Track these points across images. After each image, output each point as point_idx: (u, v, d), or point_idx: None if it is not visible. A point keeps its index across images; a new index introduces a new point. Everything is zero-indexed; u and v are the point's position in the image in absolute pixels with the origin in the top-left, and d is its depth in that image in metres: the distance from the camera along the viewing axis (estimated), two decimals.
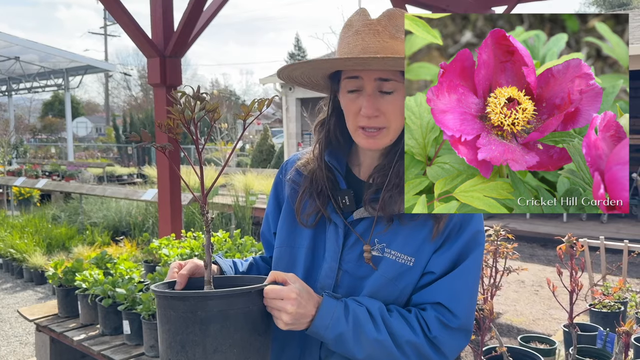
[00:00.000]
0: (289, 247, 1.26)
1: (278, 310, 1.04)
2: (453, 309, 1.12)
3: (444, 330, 1.12)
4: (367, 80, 1.12)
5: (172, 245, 3.48)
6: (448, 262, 1.14)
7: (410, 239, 1.14)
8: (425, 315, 1.13)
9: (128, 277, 3.08)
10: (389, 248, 1.15)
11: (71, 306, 3.27)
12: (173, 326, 1.01)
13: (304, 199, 1.24)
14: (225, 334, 1.00)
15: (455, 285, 1.13)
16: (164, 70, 3.92)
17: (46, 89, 20.22)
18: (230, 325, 1.01)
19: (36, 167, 13.53)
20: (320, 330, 1.07)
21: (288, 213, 1.29)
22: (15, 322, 4.94)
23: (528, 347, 2.49)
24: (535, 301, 5.46)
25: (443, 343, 1.12)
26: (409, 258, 1.14)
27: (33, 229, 7.19)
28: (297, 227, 1.26)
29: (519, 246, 7.61)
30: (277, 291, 1.04)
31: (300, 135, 13.76)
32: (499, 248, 2.26)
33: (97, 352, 2.82)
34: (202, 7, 3.89)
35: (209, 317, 0.99)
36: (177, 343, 1.01)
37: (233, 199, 7.35)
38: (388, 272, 1.15)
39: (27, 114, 39.52)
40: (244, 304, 1.02)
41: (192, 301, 1.00)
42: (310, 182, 1.24)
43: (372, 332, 1.08)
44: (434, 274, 1.14)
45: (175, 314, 1.01)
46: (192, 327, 1.00)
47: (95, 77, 43.76)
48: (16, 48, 15.20)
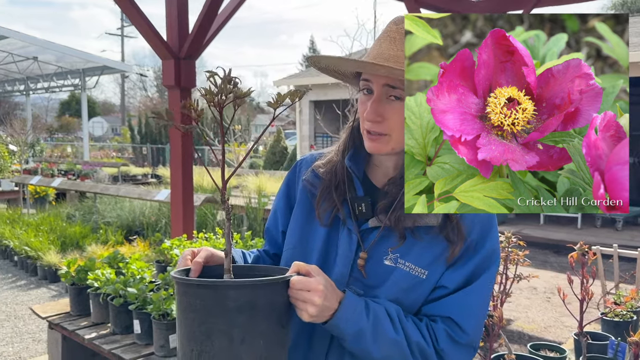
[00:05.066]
0: (302, 249, 1.25)
1: (304, 302, 1.02)
2: (463, 325, 1.12)
3: (452, 345, 1.12)
4: (375, 85, 1.12)
5: (183, 246, 3.51)
6: (462, 278, 1.14)
7: (426, 252, 1.14)
8: (435, 327, 1.13)
9: (139, 276, 3.11)
10: (403, 259, 1.15)
11: (83, 305, 3.30)
12: (198, 315, 0.98)
13: (323, 197, 1.23)
14: (252, 324, 0.98)
15: (468, 302, 1.13)
16: (178, 72, 3.95)
17: (63, 89, 20.52)
18: (257, 316, 0.98)
19: (52, 166, 13.72)
20: (341, 324, 1.06)
21: (301, 215, 1.28)
22: (28, 319, 5.01)
23: (538, 355, 2.46)
24: (547, 308, 5.41)
25: (449, 356, 1.12)
26: (422, 271, 1.14)
27: (48, 227, 7.29)
28: (311, 230, 1.25)
29: (532, 252, 7.51)
30: (304, 282, 1.02)
31: (313, 138, 13.79)
32: (510, 255, 2.24)
33: (107, 350, 2.85)
34: (216, 10, 3.93)
35: (237, 307, 0.96)
36: (202, 333, 0.98)
37: (245, 200, 7.38)
38: (401, 282, 1.14)
39: (44, 113, 40.08)
40: (271, 295, 1.00)
41: (222, 290, 0.97)
42: (329, 182, 1.23)
43: (391, 331, 1.08)
44: (447, 288, 1.14)
45: (201, 303, 0.97)
46: (220, 316, 0.97)
47: (111, 78, 44.28)
48: (34, 48, 15.46)
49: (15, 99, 32.34)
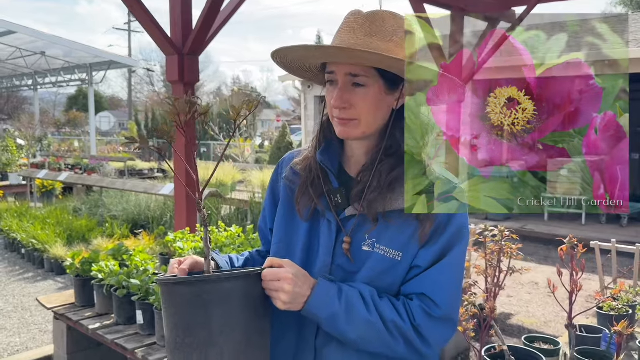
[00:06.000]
0: (286, 243, 1.30)
1: (276, 291, 1.09)
2: (436, 299, 1.16)
3: (428, 319, 1.15)
4: (339, 74, 1.17)
5: (186, 239, 3.53)
6: (433, 257, 1.18)
7: (398, 235, 1.18)
8: (411, 304, 1.17)
9: (143, 268, 3.14)
10: (378, 243, 1.19)
11: (87, 296, 3.34)
12: (179, 310, 1.05)
13: (301, 193, 1.28)
14: (228, 315, 1.05)
15: (439, 277, 1.17)
16: (182, 67, 3.96)
17: (70, 84, 20.56)
18: (233, 308, 1.05)
19: (59, 160, 13.78)
20: (314, 310, 1.12)
21: (284, 211, 1.33)
22: (35, 310, 5.06)
23: (531, 347, 2.47)
24: (549, 303, 5.40)
25: (427, 331, 1.15)
26: (397, 253, 1.18)
27: (55, 220, 7.34)
28: (294, 225, 1.30)
29: (535, 248, 7.52)
30: (274, 273, 1.10)
31: None
32: (504, 248, 2.25)
33: (110, 340, 2.88)
34: (219, 6, 3.92)
35: (212, 300, 1.03)
36: (183, 326, 1.05)
37: (250, 195, 7.40)
38: (377, 266, 1.19)
39: (52, 108, 40.28)
40: (244, 287, 1.07)
41: (197, 285, 1.05)
42: (305, 178, 1.28)
43: (364, 313, 1.12)
44: (420, 267, 1.18)
45: (181, 299, 1.05)
46: (197, 310, 1.04)
47: (119, 73, 44.35)
48: (42, 43, 15.51)
49: (23, 93, 32.53)
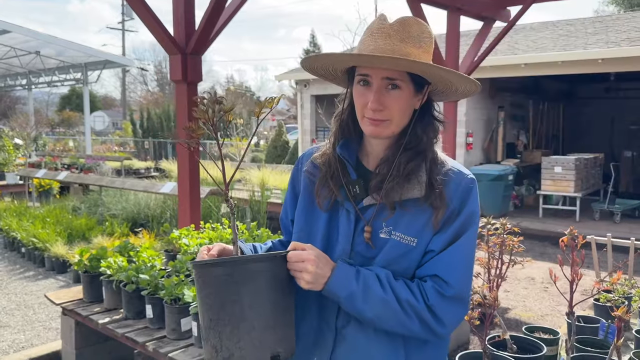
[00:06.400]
0: (307, 232, 1.40)
1: (300, 271, 1.20)
2: (448, 279, 1.25)
3: (440, 299, 1.25)
4: (375, 78, 1.27)
5: (191, 236, 3.62)
6: (446, 241, 1.28)
7: (413, 222, 1.29)
8: (425, 286, 1.27)
9: (150, 264, 3.23)
10: (395, 230, 1.29)
11: (96, 291, 3.42)
12: (213, 289, 1.17)
13: (321, 185, 1.38)
14: (257, 292, 1.16)
15: (450, 259, 1.27)
16: (185, 67, 4.04)
17: (65, 83, 20.53)
18: (261, 286, 1.17)
19: (55, 159, 13.80)
20: (334, 289, 1.22)
21: (305, 202, 1.43)
22: (38, 308, 5.13)
23: (532, 336, 2.58)
24: (545, 297, 5.53)
25: (440, 311, 1.25)
26: (412, 239, 1.28)
27: (54, 219, 7.40)
28: (314, 215, 1.40)
29: (530, 244, 7.65)
30: (298, 254, 1.21)
31: (314, 132, 13.87)
32: (505, 241, 2.36)
33: (121, 334, 2.97)
34: (222, 6, 4.01)
35: (243, 279, 1.15)
36: (217, 303, 1.16)
37: (249, 193, 7.49)
38: (394, 251, 1.29)
39: (44, 108, 40.10)
40: (271, 268, 1.19)
41: (229, 265, 1.16)
42: (325, 171, 1.38)
43: (379, 292, 1.22)
44: (434, 252, 1.28)
45: (215, 280, 1.17)
46: (230, 288, 1.15)
47: (112, 72, 44.20)
48: (36, 42, 15.49)
49: (16, 93, 32.39)
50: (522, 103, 12.44)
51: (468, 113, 10.51)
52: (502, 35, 5.64)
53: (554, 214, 9.82)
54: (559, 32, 11.68)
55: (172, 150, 18.77)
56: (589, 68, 9.20)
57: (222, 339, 1.16)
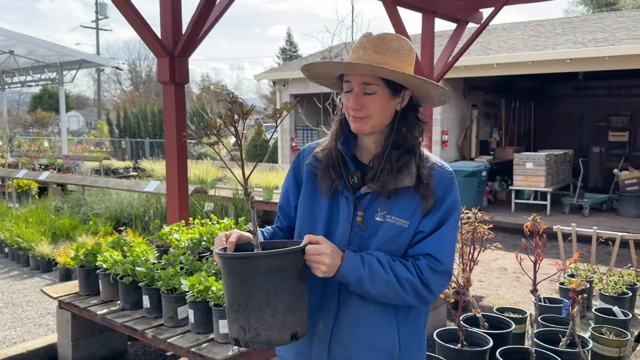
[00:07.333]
0: (310, 217, 1.63)
1: (317, 263, 1.41)
2: (439, 257, 1.51)
3: (433, 273, 1.50)
4: (354, 83, 1.54)
5: (182, 231, 3.79)
6: (434, 223, 1.53)
7: (405, 207, 1.53)
8: (418, 263, 1.51)
9: (144, 258, 3.39)
10: (389, 215, 1.53)
11: (92, 285, 3.56)
12: (242, 278, 1.37)
13: (323, 175, 1.61)
14: (280, 281, 1.37)
15: (440, 240, 1.52)
16: (172, 69, 4.18)
17: (39, 83, 20.26)
18: (284, 275, 1.38)
19: (33, 160, 13.69)
20: (345, 274, 1.45)
21: (307, 191, 1.66)
22: (27, 306, 5.21)
23: (502, 315, 2.84)
24: (517, 287, 5.83)
25: (432, 283, 1.50)
26: (404, 222, 1.53)
27: (36, 219, 7.42)
28: (316, 201, 1.63)
29: (503, 237, 7.97)
30: (316, 248, 1.41)
31: (294, 131, 14.04)
32: (477, 228, 2.60)
33: (119, 324, 3.12)
34: (210, 10, 4.15)
35: (269, 270, 1.36)
36: (245, 290, 1.37)
37: (232, 192, 7.64)
38: (388, 232, 1.53)
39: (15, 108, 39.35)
40: (292, 259, 1.40)
41: (257, 259, 1.37)
42: (327, 162, 1.61)
43: (382, 274, 1.46)
44: (423, 232, 1.53)
45: (243, 269, 1.37)
46: (257, 277, 1.36)
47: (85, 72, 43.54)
48: (10, 42, 15.27)
49: None
50: (495, 102, 12.83)
51: (443, 112, 10.83)
52: (475, 36, 5.90)
53: (525, 208, 10.19)
54: (529, 33, 12.08)
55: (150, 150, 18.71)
56: (558, 67, 9.58)
57: (250, 321, 1.36)
